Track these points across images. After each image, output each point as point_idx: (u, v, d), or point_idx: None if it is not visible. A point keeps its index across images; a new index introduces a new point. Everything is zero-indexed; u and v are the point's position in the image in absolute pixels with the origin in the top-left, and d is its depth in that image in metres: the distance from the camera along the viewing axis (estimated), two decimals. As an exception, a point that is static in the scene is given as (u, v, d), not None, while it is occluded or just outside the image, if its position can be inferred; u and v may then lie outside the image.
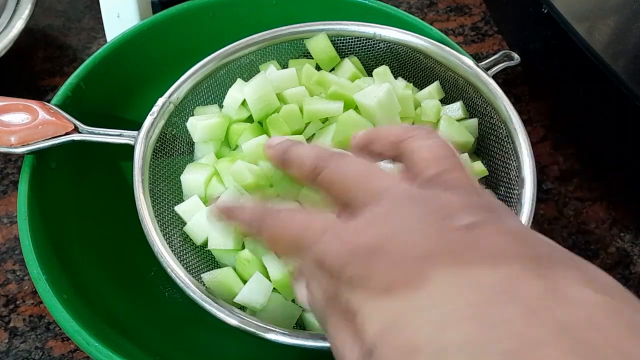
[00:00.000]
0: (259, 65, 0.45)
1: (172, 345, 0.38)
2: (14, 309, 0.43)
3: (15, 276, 0.45)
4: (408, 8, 0.63)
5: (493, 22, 0.61)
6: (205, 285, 0.36)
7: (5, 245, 0.46)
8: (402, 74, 0.46)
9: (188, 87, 0.41)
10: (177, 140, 0.43)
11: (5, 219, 0.48)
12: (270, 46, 0.44)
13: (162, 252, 0.34)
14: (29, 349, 0.41)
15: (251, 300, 0.34)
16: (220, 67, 0.43)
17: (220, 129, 0.42)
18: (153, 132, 0.39)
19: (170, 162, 0.42)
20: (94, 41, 0.61)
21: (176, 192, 0.41)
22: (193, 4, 0.47)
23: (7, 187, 0.50)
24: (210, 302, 0.32)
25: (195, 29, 0.48)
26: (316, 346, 0.30)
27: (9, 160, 0.52)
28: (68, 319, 0.32)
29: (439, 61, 0.43)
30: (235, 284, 0.36)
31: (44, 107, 0.39)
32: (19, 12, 0.53)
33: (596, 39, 0.39)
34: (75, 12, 0.63)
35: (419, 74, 0.45)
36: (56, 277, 0.34)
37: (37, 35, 0.61)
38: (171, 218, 0.39)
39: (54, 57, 0.59)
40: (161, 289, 0.41)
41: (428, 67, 0.44)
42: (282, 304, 0.36)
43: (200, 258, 0.39)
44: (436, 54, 0.43)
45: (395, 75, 0.44)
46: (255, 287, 0.34)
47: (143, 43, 0.46)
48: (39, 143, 0.38)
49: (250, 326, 0.31)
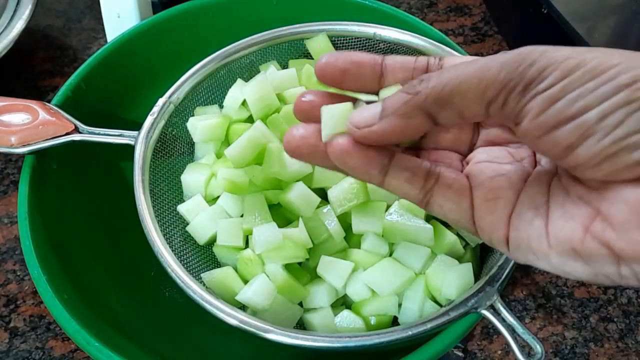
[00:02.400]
0: (259, 66, 0.45)
1: (172, 345, 0.38)
2: (15, 309, 0.43)
3: (16, 276, 0.45)
4: (408, 8, 0.63)
5: (493, 23, 0.61)
6: (205, 285, 0.36)
7: (6, 245, 0.46)
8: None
9: (188, 88, 0.41)
10: (177, 141, 0.43)
11: (6, 219, 0.48)
12: (271, 46, 0.44)
13: (162, 252, 0.34)
14: (29, 349, 0.41)
15: (255, 301, 0.34)
16: (220, 67, 0.43)
17: (220, 129, 0.42)
18: (153, 132, 0.39)
19: (170, 162, 0.42)
20: (94, 41, 0.61)
21: (176, 192, 0.41)
22: (193, 4, 0.47)
23: (8, 187, 0.50)
24: (211, 302, 0.32)
25: (196, 29, 0.48)
26: (316, 346, 0.30)
27: (10, 160, 0.52)
28: (68, 319, 0.32)
29: (439, 61, 0.43)
30: (236, 284, 0.36)
31: (44, 107, 0.39)
32: (20, 13, 0.53)
33: (596, 39, 0.39)
34: (76, 13, 0.63)
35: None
36: (56, 277, 0.34)
37: (37, 36, 0.61)
38: (171, 218, 0.39)
39: (54, 58, 0.59)
40: (161, 288, 0.41)
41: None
42: (283, 305, 0.36)
43: (200, 258, 0.39)
44: (436, 55, 0.43)
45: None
46: (260, 289, 0.34)
47: (143, 43, 0.46)
48: (39, 143, 0.38)
49: (250, 326, 0.31)
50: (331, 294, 0.36)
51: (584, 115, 0.19)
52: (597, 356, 0.41)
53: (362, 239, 0.37)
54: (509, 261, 0.32)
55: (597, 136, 0.19)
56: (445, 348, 0.31)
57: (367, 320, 0.35)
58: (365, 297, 0.36)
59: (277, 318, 0.35)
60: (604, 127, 0.19)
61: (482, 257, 0.38)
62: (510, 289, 0.44)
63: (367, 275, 0.35)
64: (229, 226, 0.38)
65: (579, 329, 0.43)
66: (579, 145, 0.20)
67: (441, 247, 0.36)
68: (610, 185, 0.20)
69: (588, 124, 0.19)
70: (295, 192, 0.37)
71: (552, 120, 0.20)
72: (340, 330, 0.35)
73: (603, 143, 0.19)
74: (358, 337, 0.30)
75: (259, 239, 0.35)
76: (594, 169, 0.20)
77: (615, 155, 0.19)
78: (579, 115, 0.19)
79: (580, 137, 0.20)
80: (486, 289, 0.31)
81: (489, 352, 0.42)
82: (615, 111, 0.19)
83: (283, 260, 0.36)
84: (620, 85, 0.19)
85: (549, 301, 0.44)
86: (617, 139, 0.19)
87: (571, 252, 0.21)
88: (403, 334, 0.30)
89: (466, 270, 0.34)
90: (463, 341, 0.42)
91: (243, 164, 0.37)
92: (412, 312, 0.35)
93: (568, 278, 0.22)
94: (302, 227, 0.36)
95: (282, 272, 0.35)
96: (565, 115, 0.20)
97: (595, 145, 0.19)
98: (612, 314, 0.43)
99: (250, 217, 0.37)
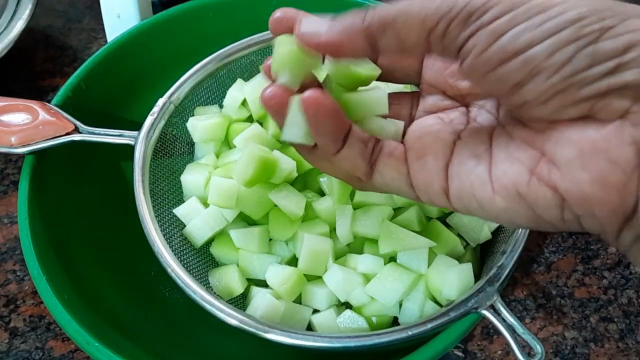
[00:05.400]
0: (259, 66, 0.45)
1: (172, 345, 0.38)
2: (15, 309, 0.43)
3: (16, 276, 0.45)
4: (408, 8, 0.63)
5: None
6: (210, 285, 0.36)
7: (6, 245, 0.46)
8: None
9: (188, 88, 0.41)
10: (177, 141, 0.43)
11: (6, 219, 0.48)
12: (271, 46, 0.44)
13: (162, 252, 0.34)
14: (29, 349, 0.41)
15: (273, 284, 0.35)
16: (220, 67, 0.43)
17: (220, 129, 0.42)
18: (153, 132, 0.39)
19: (170, 162, 0.42)
20: (94, 41, 0.61)
21: (176, 192, 0.41)
22: (193, 4, 0.47)
23: (8, 187, 0.50)
24: (211, 302, 0.32)
25: (196, 29, 0.48)
26: (316, 346, 0.30)
27: (10, 160, 0.52)
28: (68, 319, 0.32)
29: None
30: (236, 285, 0.36)
31: (44, 107, 0.39)
32: (20, 13, 0.53)
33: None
34: (76, 13, 0.64)
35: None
36: (56, 277, 0.34)
37: (37, 36, 0.61)
38: (171, 218, 0.39)
39: (54, 58, 0.59)
40: (161, 288, 0.41)
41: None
42: (292, 309, 0.36)
43: (200, 258, 0.39)
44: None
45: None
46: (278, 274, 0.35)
47: (143, 43, 0.46)
48: (39, 143, 0.38)
49: (250, 326, 0.31)
50: (331, 299, 0.36)
51: (530, 50, 0.19)
52: (598, 356, 0.41)
53: (359, 259, 0.37)
54: (509, 261, 0.32)
55: (545, 73, 0.19)
56: (445, 348, 0.31)
57: (369, 319, 0.35)
58: (365, 302, 0.36)
59: (289, 321, 0.35)
60: (553, 63, 0.19)
61: (482, 257, 0.38)
62: (510, 289, 0.44)
63: (370, 287, 0.35)
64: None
65: (579, 329, 0.42)
66: (527, 83, 0.20)
67: (441, 247, 0.36)
68: (555, 125, 0.20)
69: (536, 60, 0.19)
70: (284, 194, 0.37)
71: (497, 56, 0.20)
72: (343, 330, 0.35)
73: (552, 80, 0.19)
74: (358, 337, 0.30)
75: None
76: (541, 107, 0.20)
77: (563, 92, 0.19)
78: (525, 50, 0.19)
79: (529, 74, 0.20)
80: (486, 289, 0.31)
81: (489, 352, 0.42)
82: (564, 47, 0.19)
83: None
84: (567, 21, 0.19)
85: (549, 301, 0.44)
86: (565, 76, 0.19)
87: (516, 196, 0.21)
88: (403, 334, 0.30)
89: (466, 270, 0.34)
90: (463, 341, 0.42)
91: (249, 182, 0.36)
92: (412, 312, 0.35)
93: (513, 228, 0.22)
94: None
95: (279, 275, 0.35)
96: (511, 50, 0.19)
97: (544, 83, 0.19)
98: (613, 314, 0.43)
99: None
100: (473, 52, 0.20)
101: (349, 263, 0.37)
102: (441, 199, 0.25)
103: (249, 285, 0.38)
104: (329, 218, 0.37)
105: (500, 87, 0.21)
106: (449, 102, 0.28)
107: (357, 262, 0.36)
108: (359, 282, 0.35)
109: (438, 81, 0.28)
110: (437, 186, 0.24)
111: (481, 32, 0.20)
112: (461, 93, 0.27)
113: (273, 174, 0.36)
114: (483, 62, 0.20)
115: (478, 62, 0.20)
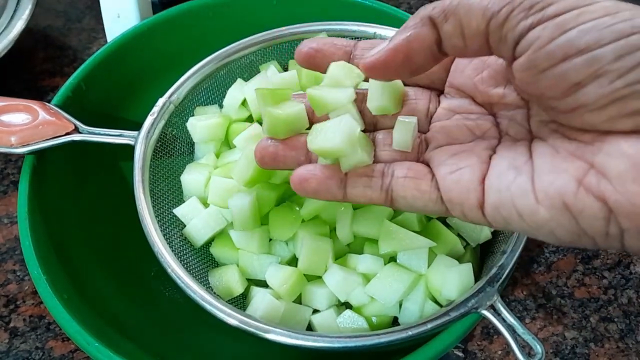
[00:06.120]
0: (259, 66, 0.45)
1: (172, 345, 0.38)
2: (14, 309, 0.43)
3: (16, 276, 0.45)
4: (408, 8, 0.63)
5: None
6: (210, 285, 0.36)
7: (6, 246, 0.46)
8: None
9: (188, 88, 0.41)
10: (177, 141, 0.43)
11: (6, 219, 0.48)
12: (271, 46, 0.44)
13: (162, 252, 0.34)
14: (29, 349, 0.41)
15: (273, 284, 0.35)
16: (220, 67, 0.43)
17: (220, 129, 0.42)
18: (153, 132, 0.39)
19: (170, 162, 0.42)
20: (94, 41, 0.61)
21: (176, 192, 0.41)
22: (193, 4, 0.47)
23: (8, 187, 0.50)
24: (211, 302, 0.32)
25: (196, 29, 0.48)
26: (316, 346, 0.30)
27: (9, 160, 0.52)
28: (68, 319, 0.32)
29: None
30: (236, 285, 0.36)
31: (44, 107, 0.39)
32: (19, 13, 0.53)
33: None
34: (76, 13, 0.64)
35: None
36: (56, 277, 0.34)
37: (37, 36, 0.61)
38: (171, 218, 0.39)
39: (54, 58, 0.59)
40: (161, 289, 0.41)
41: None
42: (292, 309, 0.36)
43: (200, 258, 0.39)
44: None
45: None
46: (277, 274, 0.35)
47: (143, 43, 0.46)
48: (39, 143, 0.38)
49: (250, 326, 0.31)
50: (331, 299, 0.36)
51: (598, 49, 0.18)
52: (598, 356, 0.41)
53: (359, 259, 0.37)
54: (509, 261, 0.32)
55: (609, 76, 0.18)
56: (445, 348, 0.31)
57: (369, 319, 0.35)
58: (365, 303, 0.36)
59: (289, 321, 0.35)
60: (619, 67, 0.18)
61: (482, 257, 0.38)
62: (511, 289, 0.44)
63: (370, 287, 0.35)
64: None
65: (579, 329, 0.42)
66: (588, 84, 0.19)
67: (441, 247, 0.36)
68: (605, 138, 0.20)
69: (602, 61, 0.18)
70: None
71: (562, 50, 0.19)
72: (343, 330, 0.35)
73: (615, 85, 0.18)
74: (358, 337, 0.30)
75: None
76: (595, 113, 0.19)
77: (623, 100, 0.19)
78: (593, 49, 0.18)
79: (591, 75, 0.19)
80: (486, 289, 0.31)
81: (489, 353, 0.42)
82: (633, 52, 0.18)
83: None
84: (637, 26, 0.18)
85: (549, 301, 0.44)
86: (630, 82, 0.18)
87: (562, 206, 0.21)
88: (403, 334, 0.30)
89: (466, 270, 0.34)
90: (463, 341, 0.42)
91: (249, 183, 0.36)
92: (412, 312, 0.35)
93: (554, 243, 0.22)
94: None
95: (279, 276, 0.35)
96: (577, 46, 0.19)
97: (606, 87, 0.19)
98: (613, 314, 0.43)
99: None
100: (535, 44, 0.20)
101: (349, 263, 0.37)
102: (476, 212, 0.24)
103: (249, 285, 0.38)
104: (329, 218, 0.37)
105: (556, 86, 0.20)
106: (475, 107, 0.27)
107: (357, 262, 0.36)
108: (359, 282, 0.35)
109: (467, 87, 0.28)
110: (474, 199, 0.24)
111: (546, 24, 0.19)
112: (490, 101, 0.27)
113: (273, 173, 0.36)
114: (545, 56, 0.19)
115: (539, 56, 0.20)
